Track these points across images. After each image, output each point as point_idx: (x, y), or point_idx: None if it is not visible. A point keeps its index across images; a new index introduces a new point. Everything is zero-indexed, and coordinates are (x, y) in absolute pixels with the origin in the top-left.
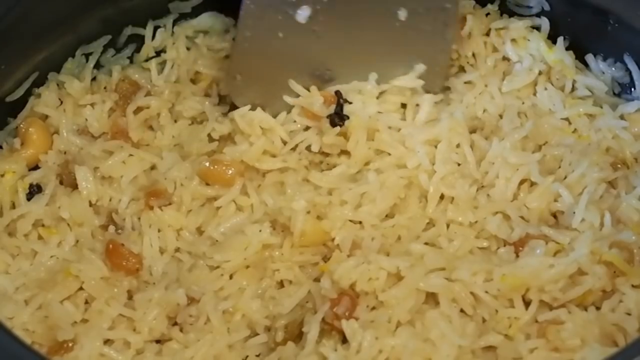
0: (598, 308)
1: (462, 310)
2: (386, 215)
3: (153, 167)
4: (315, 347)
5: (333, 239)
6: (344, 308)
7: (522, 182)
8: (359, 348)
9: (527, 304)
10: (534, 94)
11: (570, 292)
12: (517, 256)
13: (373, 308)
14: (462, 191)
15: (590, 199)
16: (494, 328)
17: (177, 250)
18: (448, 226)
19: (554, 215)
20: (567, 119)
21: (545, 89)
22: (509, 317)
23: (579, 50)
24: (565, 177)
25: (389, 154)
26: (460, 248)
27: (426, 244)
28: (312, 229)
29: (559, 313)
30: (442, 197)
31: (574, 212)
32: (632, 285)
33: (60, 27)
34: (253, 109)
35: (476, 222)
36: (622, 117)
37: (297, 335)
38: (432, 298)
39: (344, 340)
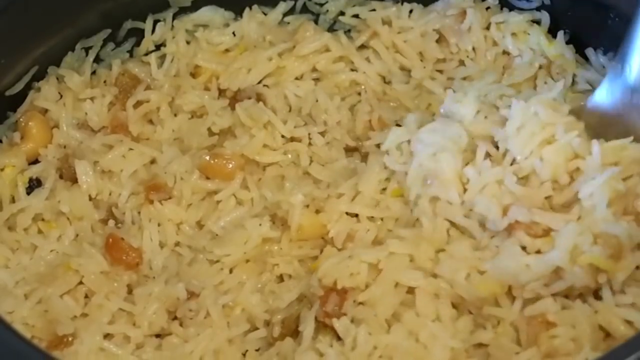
0: (584, 301)
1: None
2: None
3: (153, 161)
4: (311, 343)
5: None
6: (333, 304)
7: None
8: (354, 344)
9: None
10: (534, 88)
11: (553, 286)
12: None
13: (361, 303)
14: (446, 166)
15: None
16: (483, 324)
17: (177, 244)
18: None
19: (571, 176)
20: None
21: (546, 82)
22: (495, 315)
23: (579, 44)
24: (607, 139)
25: None
26: (443, 229)
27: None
28: (310, 222)
29: (546, 304)
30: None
31: (593, 179)
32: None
33: (60, 21)
34: None
35: (463, 202)
36: None
37: (294, 330)
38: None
39: (340, 336)
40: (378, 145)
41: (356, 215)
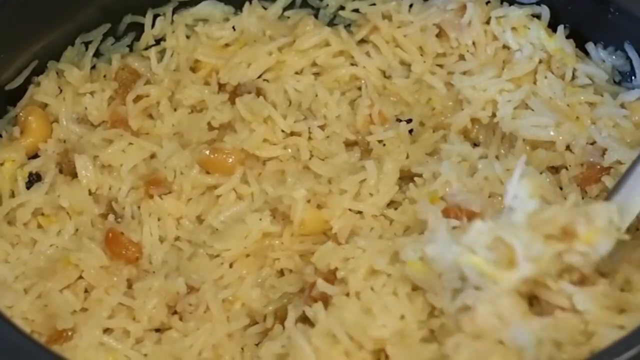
0: None
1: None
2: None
3: (153, 156)
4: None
5: (332, 228)
6: (318, 290)
7: None
8: (321, 327)
9: None
10: (534, 83)
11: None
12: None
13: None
14: None
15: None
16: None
17: (177, 238)
18: None
19: None
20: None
21: (546, 77)
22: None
23: (579, 39)
24: None
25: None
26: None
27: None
28: (312, 217)
29: (465, 294)
30: None
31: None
32: None
33: (60, 15)
34: None
35: None
36: (622, 106)
37: (286, 321)
38: None
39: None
40: (381, 141)
41: (359, 212)
